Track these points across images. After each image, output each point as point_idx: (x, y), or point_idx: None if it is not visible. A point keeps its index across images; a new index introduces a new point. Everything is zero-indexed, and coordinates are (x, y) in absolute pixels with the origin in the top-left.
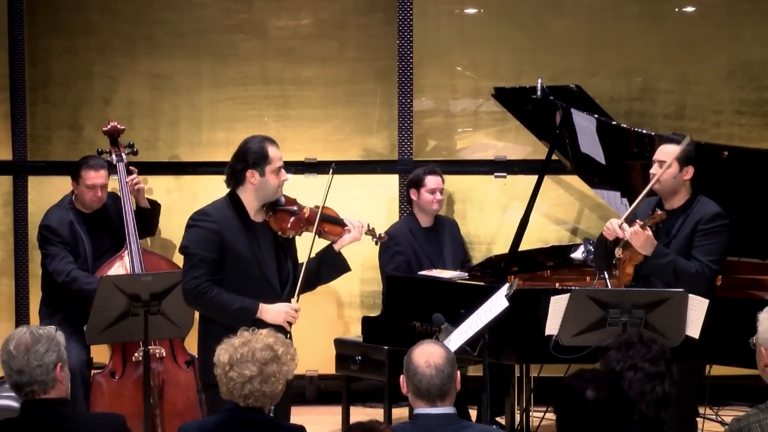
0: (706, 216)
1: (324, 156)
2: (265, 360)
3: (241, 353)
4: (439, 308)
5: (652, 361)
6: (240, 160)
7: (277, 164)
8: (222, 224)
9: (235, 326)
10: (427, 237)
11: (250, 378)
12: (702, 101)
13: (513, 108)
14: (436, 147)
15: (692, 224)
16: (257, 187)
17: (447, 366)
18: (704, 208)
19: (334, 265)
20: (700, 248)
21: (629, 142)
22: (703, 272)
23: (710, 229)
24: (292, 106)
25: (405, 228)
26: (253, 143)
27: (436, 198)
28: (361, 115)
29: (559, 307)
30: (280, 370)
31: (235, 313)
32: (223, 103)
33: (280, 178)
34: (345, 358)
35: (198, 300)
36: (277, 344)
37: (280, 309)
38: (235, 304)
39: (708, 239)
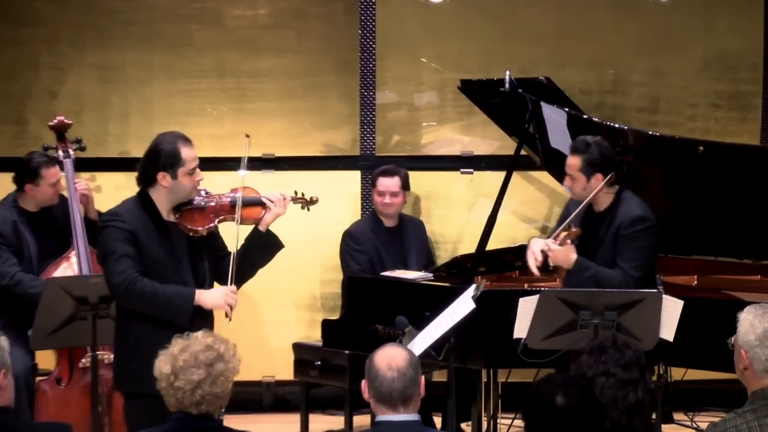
0: (626, 221)
1: (282, 151)
2: (210, 360)
3: (183, 360)
4: (402, 311)
5: (626, 366)
6: (151, 161)
7: (191, 165)
8: (134, 224)
9: (172, 318)
10: (391, 238)
11: (199, 382)
12: (676, 94)
13: (480, 101)
14: (399, 142)
15: (615, 230)
16: (169, 190)
17: (410, 369)
18: (625, 212)
19: (264, 246)
20: (622, 255)
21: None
22: (626, 281)
23: (631, 235)
24: (248, 100)
25: (367, 227)
26: (164, 144)
27: (385, 201)
28: (321, 108)
29: (528, 309)
30: (227, 368)
31: (171, 302)
32: (176, 97)
33: (194, 179)
34: (304, 364)
35: (129, 294)
36: (217, 343)
37: (218, 291)
38: (168, 291)
39: (629, 245)
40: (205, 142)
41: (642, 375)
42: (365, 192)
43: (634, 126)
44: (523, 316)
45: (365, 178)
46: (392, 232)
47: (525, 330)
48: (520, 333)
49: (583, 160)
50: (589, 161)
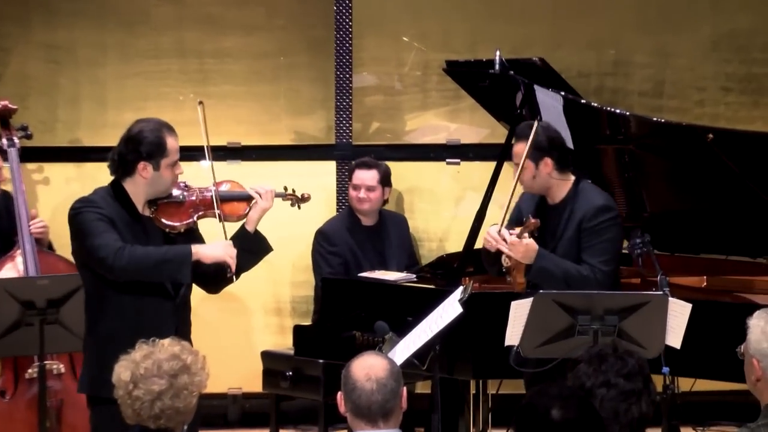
0: (589, 212)
1: (249, 140)
2: (174, 371)
3: (144, 367)
4: (382, 315)
5: (628, 376)
6: (132, 149)
7: (175, 157)
8: (110, 212)
9: (173, 276)
10: (369, 238)
11: (160, 394)
12: (683, 76)
13: (467, 84)
14: (379, 129)
15: (576, 223)
16: (149, 182)
17: (390, 380)
18: (587, 202)
19: (250, 249)
20: (588, 249)
21: (601, 123)
22: (595, 276)
23: (596, 227)
24: (212, 83)
25: (341, 226)
26: (148, 131)
27: (359, 195)
28: (293, 92)
29: (521, 314)
30: (192, 382)
31: (168, 258)
32: (131, 79)
33: (175, 172)
34: (273, 374)
35: (120, 260)
36: (185, 353)
37: (218, 243)
38: (162, 249)
39: (594, 238)
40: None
41: (646, 386)
42: (341, 185)
43: (636, 112)
44: (516, 322)
45: (341, 169)
46: (371, 232)
47: (518, 336)
48: (513, 340)
49: (529, 144)
50: (537, 144)
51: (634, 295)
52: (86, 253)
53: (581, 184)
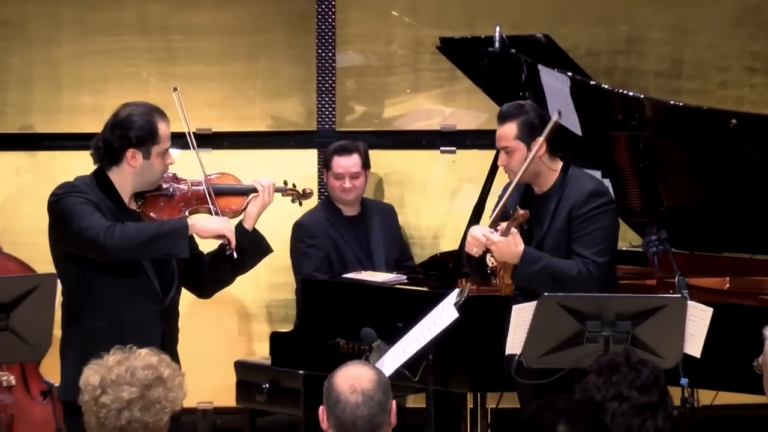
0: (580, 198)
1: (221, 126)
2: (148, 381)
3: (116, 373)
4: (369, 321)
5: (642, 388)
6: (121, 135)
7: (166, 145)
8: (95, 199)
9: (170, 251)
10: (352, 229)
11: (129, 403)
12: (703, 55)
13: (464, 64)
14: (365, 114)
15: (566, 212)
16: (138, 172)
17: (378, 393)
18: (577, 188)
19: (248, 249)
20: (580, 240)
21: (612, 107)
22: (588, 270)
23: (587, 214)
24: (179, 62)
25: (321, 217)
26: (137, 115)
27: (345, 185)
28: (269, 73)
29: (523, 319)
30: (166, 397)
31: (163, 232)
32: (89, 58)
33: (165, 161)
34: (248, 387)
35: (112, 239)
36: (162, 365)
37: (215, 217)
38: (154, 224)
39: (586, 227)
40: None
41: (662, 399)
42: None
43: (652, 94)
44: (518, 328)
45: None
46: (354, 222)
47: (519, 345)
48: (514, 348)
49: (519, 125)
50: (527, 124)
51: (650, 298)
52: (73, 237)
53: (571, 171)
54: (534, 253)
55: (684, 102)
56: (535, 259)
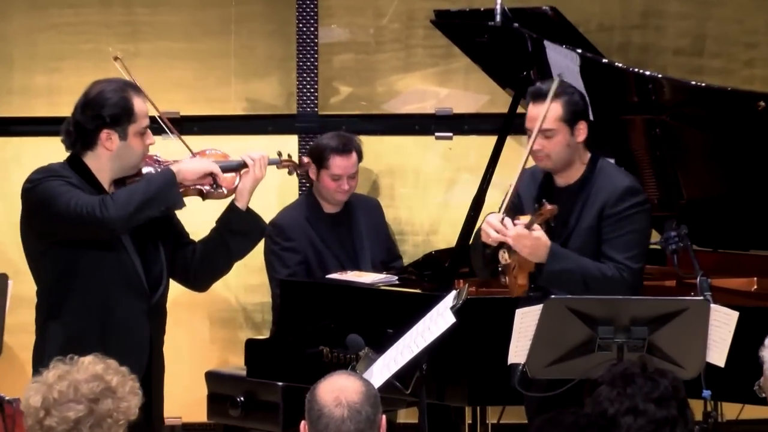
0: (613, 195)
1: (190, 109)
2: (95, 395)
3: (59, 390)
4: (356, 327)
5: (660, 401)
6: (93, 115)
7: (144, 123)
8: (76, 182)
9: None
10: (334, 228)
11: (77, 423)
12: (728, 30)
13: (462, 40)
14: (351, 96)
15: (597, 209)
16: (115, 155)
17: (366, 406)
18: (610, 183)
19: (243, 230)
20: (613, 242)
21: (627, 87)
22: (621, 276)
23: (622, 213)
24: (143, 38)
25: (299, 216)
26: (110, 92)
27: (342, 187)
28: (245, 50)
29: (528, 324)
30: (117, 408)
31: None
32: (44, 33)
33: (145, 142)
34: (221, 400)
35: (108, 210)
36: (109, 373)
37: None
38: (141, 183)
39: (621, 228)
40: None
41: (681, 413)
42: None
43: (671, 73)
44: (522, 334)
45: (304, 144)
46: (336, 220)
47: (524, 353)
48: (517, 357)
49: (565, 104)
50: (574, 104)
51: (668, 300)
52: (63, 219)
53: (600, 162)
54: (562, 251)
55: (706, 82)
56: (564, 257)
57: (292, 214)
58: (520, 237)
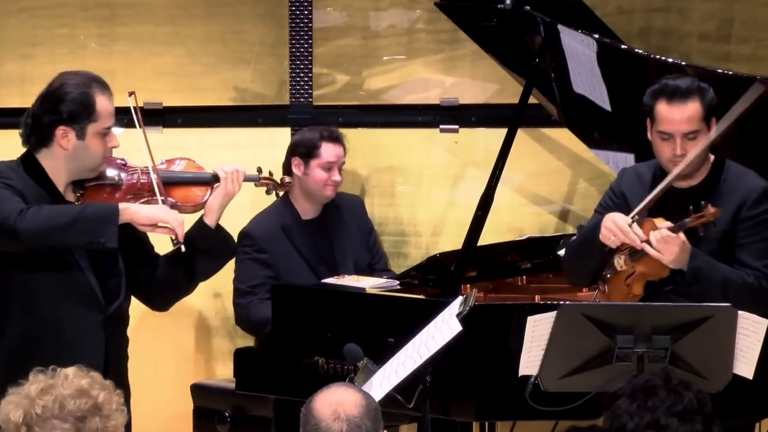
0: (751, 197)
1: (173, 99)
2: (81, 413)
3: (42, 406)
4: (354, 336)
5: (683, 415)
6: (49, 109)
7: (106, 123)
8: (21, 186)
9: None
10: (312, 236)
11: None
12: (757, 13)
13: (468, 24)
14: (348, 85)
15: (732, 211)
16: (71, 155)
17: (366, 420)
18: (743, 184)
19: (210, 249)
20: (750, 247)
21: (648, 75)
22: (761, 285)
23: (760, 217)
24: (122, 22)
25: (275, 224)
26: (71, 86)
27: (333, 178)
28: (233, 35)
29: (541, 333)
30: (105, 427)
31: (87, 217)
32: (15, 17)
33: (107, 144)
34: (208, 415)
35: (23, 221)
36: (95, 388)
37: (158, 206)
38: (80, 206)
39: (759, 232)
40: None
41: (707, 428)
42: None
43: (695, 60)
44: (534, 344)
45: None
46: (314, 227)
47: (536, 364)
48: (529, 368)
49: (704, 104)
50: (711, 102)
51: (693, 307)
52: None
53: (728, 163)
54: (704, 257)
55: (734, 70)
56: (710, 265)
57: (266, 223)
58: (665, 241)
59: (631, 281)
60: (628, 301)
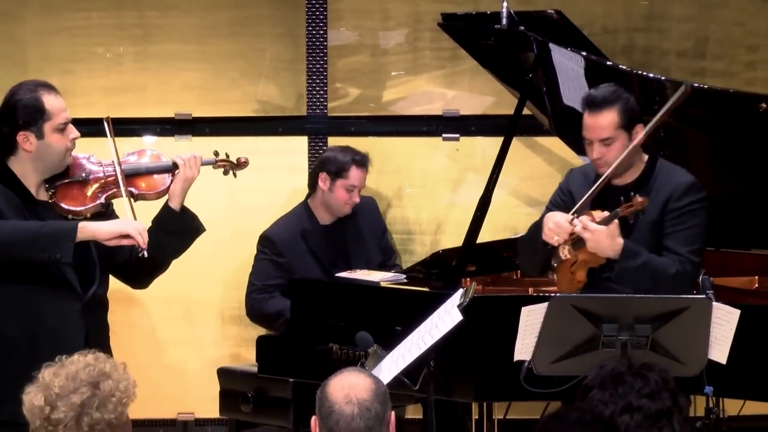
0: (677, 190)
1: (200, 111)
2: (93, 378)
3: (59, 385)
4: (365, 324)
5: (652, 395)
6: (6, 119)
7: (61, 119)
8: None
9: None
10: (328, 241)
11: (83, 405)
12: (730, 33)
13: (468, 43)
14: (360, 98)
15: (660, 204)
16: (35, 155)
17: (375, 402)
18: (672, 179)
19: (176, 230)
20: (676, 236)
21: (631, 89)
22: (685, 270)
23: (685, 208)
24: (154, 41)
25: (294, 229)
26: (22, 93)
27: (353, 199)
28: (255, 52)
29: (533, 322)
30: (117, 387)
31: (45, 234)
32: (57, 36)
33: (67, 137)
34: (233, 396)
35: None
36: (100, 361)
37: (118, 220)
38: (40, 223)
39: (684, 222)
40: (96, 98)
41: (675, 402)
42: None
43: (674, 76)
44: (527, 332)
45: (314, 146)
46: (331, 232)
47: (530, 350)
48: (523, 354)
49: (621, 112)
50: (629, 110)
51: (671, 299)
52: None
53: (660, 161)
54: (634, 247)
55: (709, 84)
56: (636, 253)
57: (287, 228)
58: (595, 232)
59: (575, 269)
60: (574, 287)
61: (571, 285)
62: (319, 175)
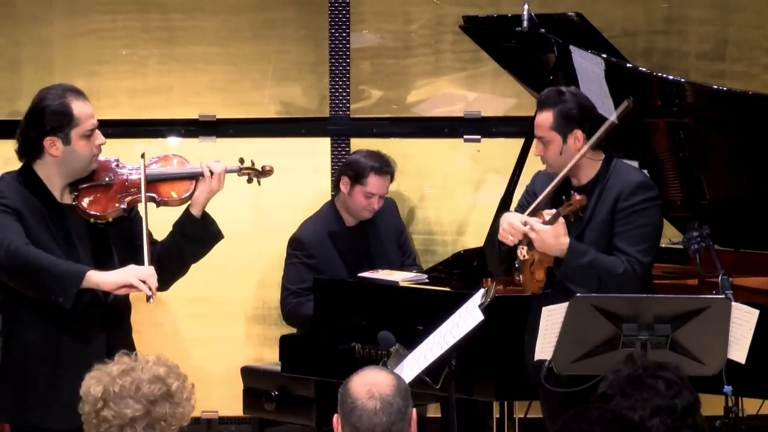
0: (625, 189)
1: (225, 112)
2: (154, 397)
3: (120, 385)
4: (387, 324)
5: (678, 394)
6: (34, 124)
7: (88, 125)
8: (16, 202)
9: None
10: (354, 242)
11: (132, 420)
12: (749, 35)
13: (489, 45)
14: (382, 99)
15: (610, 203)
16: (61, 160)
17: (397, 399)
18: (623, 179)
19: (196, 236)
20: (624, 235)
21: (650, 91)
22: (633, 269)
23: (633, 207)
24: (179, 42)
25: (322, 230)
26: (50, 98)
27: (372, 206)
28: (278, 54)
29: (554, 322)
30: (173, 414)
31: (55, 275)
32: (83, 38)
33: (93, 143)
34: (256, 394)
35: (10, 258)
36: (171, 377)
37: (122, 269)
38: (57, 262)
39: (632, 221)
40: (122, 99)
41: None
42: (337, 166)
43: (693, 78)
44: (548, 332)
45: (337, 147)
46: (356, 233)
47: (550, 349)
48: (544, 353)
49: (556, 114)
50: (565, 114)
51: (691, 299)
52: None
53: (614, 162)
54: (580, 246)
55: (728, 86)
56: (581, 252)
57: (315, 229)
58: (539, 232)
59: (533, 268)
60: (535, 286)
61: (532, 284)
62: (341, 178)
